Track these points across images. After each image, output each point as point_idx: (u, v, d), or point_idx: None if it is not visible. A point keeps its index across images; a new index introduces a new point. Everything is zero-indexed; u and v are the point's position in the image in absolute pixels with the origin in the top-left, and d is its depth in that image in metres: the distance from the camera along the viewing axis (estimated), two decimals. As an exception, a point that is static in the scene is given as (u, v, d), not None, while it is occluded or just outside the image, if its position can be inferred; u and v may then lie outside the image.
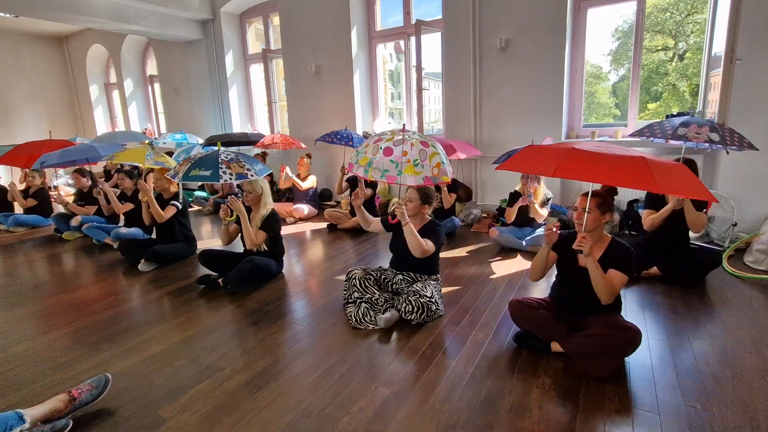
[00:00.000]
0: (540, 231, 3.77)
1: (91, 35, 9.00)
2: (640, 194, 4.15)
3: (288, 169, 5.48)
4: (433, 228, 2.64)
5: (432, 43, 5.47)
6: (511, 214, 3.83)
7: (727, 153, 3.56)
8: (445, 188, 4.22)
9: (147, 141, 4.75)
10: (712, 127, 2.74)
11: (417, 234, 2.48)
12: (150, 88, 9.16)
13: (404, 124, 2.64)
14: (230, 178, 2.89)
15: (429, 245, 2.51)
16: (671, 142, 2.93)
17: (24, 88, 9.24)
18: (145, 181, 4.05)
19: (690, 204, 2.80)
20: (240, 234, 3.32)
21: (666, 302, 2.66)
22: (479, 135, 5.01)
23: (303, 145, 6.01)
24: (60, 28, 8.92)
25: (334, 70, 5.97)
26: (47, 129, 9.62)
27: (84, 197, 4.83)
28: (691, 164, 2.99)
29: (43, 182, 5.38)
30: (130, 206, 4.20)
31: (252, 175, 3.02)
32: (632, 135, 3.17)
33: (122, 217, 4.49)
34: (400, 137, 2.39)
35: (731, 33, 3.49)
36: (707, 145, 2.80)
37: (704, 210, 2.86)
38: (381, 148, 2.33)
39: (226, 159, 2.99)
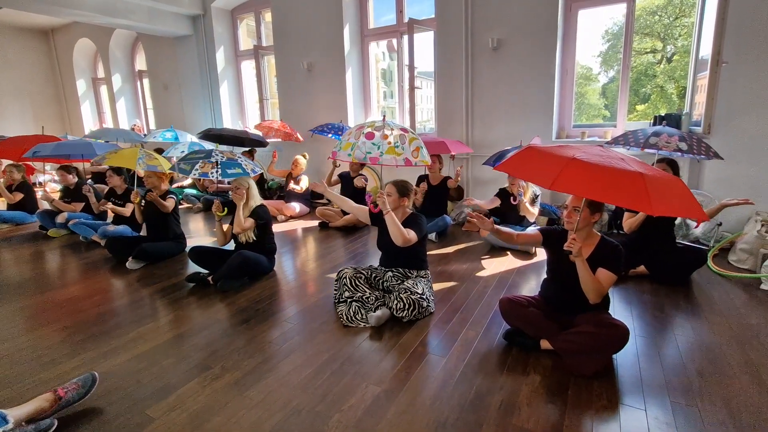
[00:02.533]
0: (531, 230, 3.80)
1: (78, 29, 8.83)
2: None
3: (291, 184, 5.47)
4: (415, 219, 2.66)
5: (425, 42, 5.48)
6: (491, 203, 3.98)
7: (698, 161, 3.67)
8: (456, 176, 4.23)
9: (139, 143, 4.73)
10: (681, 137, 2.94)
11: (398, 222, 2.50)
12: (139, 84, 9.03)
13: (384, 115, 2.74)
14: (222, 158, 3.28)
15: (411, 234, 2.53)
16: (645, 150, 3.08)
17: (9, 82, 9.04)
18: (135, 180, 4.03)
19: None
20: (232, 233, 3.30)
21: (653, 300, 2.71)
22: (471, 134, 5.04)
23: (300, 138, 5.98)
24: (46, 21, 8.74)
25: (326, 67, 5.94)
26: (33, 124, 9.46)
27: (70, 194, 4.74)
28: (673, 164, 3.08)
29: (23, 176, 5.24)
30: (132, 206, 4.09)
31: (241, 161, 3.38)
32: (608, 143, 3.32)
33: (110, 215, 4.42)
34: (381, 124, 2.58)
35: (718, 36, 3.55)
36: (679, 153, 2.95)
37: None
38: (363, 133, 2.51)
39: (221, 149, 3.50)
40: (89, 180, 6.36)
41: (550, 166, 1.80)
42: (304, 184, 5.49)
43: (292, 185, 5.40)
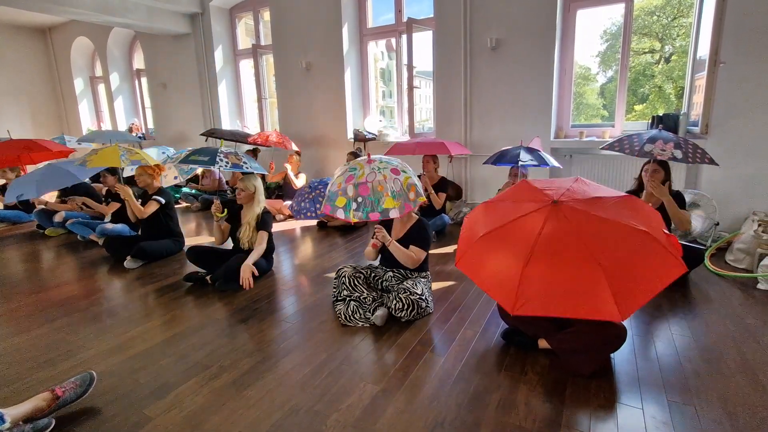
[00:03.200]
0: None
1: (75, 27, 8.80)
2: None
3: (288, 168, 5.48)
4: (420, 232, 2.64)
5: (423, 42, 5.48)
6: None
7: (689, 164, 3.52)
8: (433, 190, 4.26)
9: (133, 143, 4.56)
10: (677, 143, 2.83)
11: (402, 249, 2.51)
12: (137, 83, 9.00)
13: (369, 153, 2.53)
14: (226, 166, 3.10)
15: (419, 254, 2.54)
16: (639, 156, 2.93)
17: (6, 81, 9.00)
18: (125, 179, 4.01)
19: (673, 204, 2.87)
20: (230, 232, 3.29)
21: (650, 299, 2.71)
22: (469, 134, 5.04)
23: (294, 147, 5.93)
24: (43, 20, 8.70)
25: (325, 66, 5.93)
26: (30, 123, 9.44)
27: (67, 194, 4.73)
28: (664, 165, 3.09)
29: (17, 176, 5.23)
30: (116, 206, 4.11)
31: (247, 168, 3.18)
32: (603, 147, 3.15)
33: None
34: (370, 169, 2.32)
35: (715, 37, 3.56)
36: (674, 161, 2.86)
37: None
38: (356, 186, 2.27)
39: (225, 151, 3.30)
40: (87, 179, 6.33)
41: (505, 274, 1.61)
42: (301, 181, 5.48)
43: (291, 177, 5.40)
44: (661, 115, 4.13)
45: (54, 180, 3.83)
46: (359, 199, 2.14)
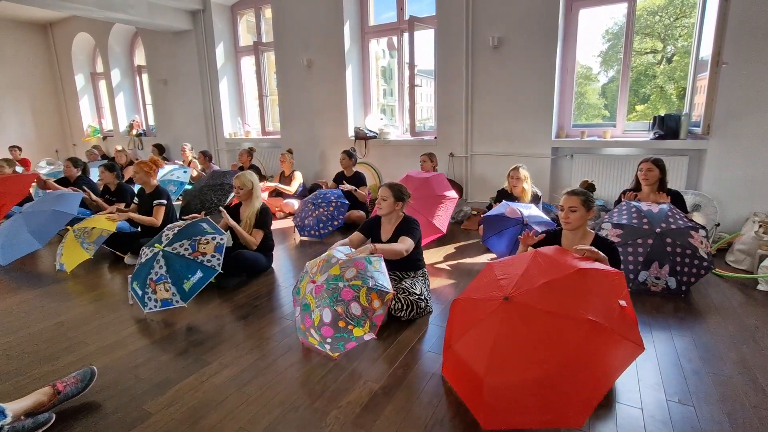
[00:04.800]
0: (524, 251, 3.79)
1: (76, 23, 8.78)
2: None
3: (271, 182, 5.41)
4: (407, 225, 2.65)
5: (425, 40, 5.47)
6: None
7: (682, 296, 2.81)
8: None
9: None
10: (672, 267, 2.67)
11: (388, 247, 2.43)
12: (138, 79, 8.99)
13: (314, 281, 2.15)
14: (155, 306, 2.55)
15: (408, 243, 2.51)
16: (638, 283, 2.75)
17: (6, 76, 8.98)
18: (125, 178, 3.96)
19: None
20: (228, 229, 3.29)
21: (650, 299, 2.72)
22: (470, 133, 5.03)
23: (288, 191, 5.50)
24: (44, 15, 8.68)
25: (326, 64, 5.92)
26: (31, 119, 9.41)
27: (68, 187, 4.71)
28: (659, 164, 3.17)
29: (13, 171, 5.22)
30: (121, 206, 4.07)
31: (177, 302, 2.56)
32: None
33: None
34: (319, 302, 2.06)
35: (718, 37, 3.55)
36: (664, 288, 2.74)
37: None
38: (317, 329, 2.03)
39: (154, 279, 2.58)
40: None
41: (474, 384, 1.57)
42: (296, 183, 5.44)
43: (283, 187, 5.36)
44: (662, 115, 4.13)
45: (19, 245, 3.48)
46: (329, 340, 1.99)
